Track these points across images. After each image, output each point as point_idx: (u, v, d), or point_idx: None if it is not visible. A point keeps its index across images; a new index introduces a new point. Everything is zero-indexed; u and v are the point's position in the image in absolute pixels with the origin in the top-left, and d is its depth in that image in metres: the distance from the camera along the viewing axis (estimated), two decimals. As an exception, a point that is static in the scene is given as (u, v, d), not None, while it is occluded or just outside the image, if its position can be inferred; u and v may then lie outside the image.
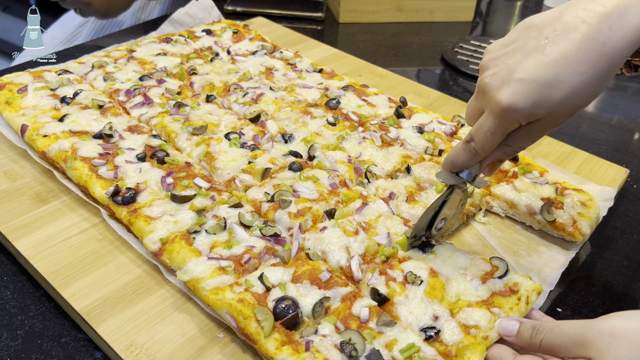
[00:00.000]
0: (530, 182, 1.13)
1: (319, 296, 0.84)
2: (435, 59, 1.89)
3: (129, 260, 0.97)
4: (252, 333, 0.80)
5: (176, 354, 0.82)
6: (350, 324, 0.81)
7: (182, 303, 0.90)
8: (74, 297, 0.89)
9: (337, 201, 1.04)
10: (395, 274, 0.88)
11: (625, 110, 1.67)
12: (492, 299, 0.86)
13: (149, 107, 1.27)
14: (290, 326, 0.81)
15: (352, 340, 0.78)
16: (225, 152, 1.14)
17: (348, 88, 1.41)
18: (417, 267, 0.90)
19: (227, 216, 0.98)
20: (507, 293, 0.87)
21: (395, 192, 1.06)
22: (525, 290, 0.88)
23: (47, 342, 0.86)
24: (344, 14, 2.07)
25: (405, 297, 0.85)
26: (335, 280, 0.87)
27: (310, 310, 0.82)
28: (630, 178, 1.32)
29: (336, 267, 0.91)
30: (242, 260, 0.90)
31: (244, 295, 0.83)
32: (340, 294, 0.85)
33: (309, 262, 0.90)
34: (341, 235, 0.94)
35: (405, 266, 0.90)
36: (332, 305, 0.84)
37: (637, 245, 1.12)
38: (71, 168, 1.08)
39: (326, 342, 0.78)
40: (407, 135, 1.24)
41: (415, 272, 0.89)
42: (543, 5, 2.44)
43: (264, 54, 1.57)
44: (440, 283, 0.88)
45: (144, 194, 1.02)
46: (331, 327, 0.80)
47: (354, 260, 0.91)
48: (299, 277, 0.86)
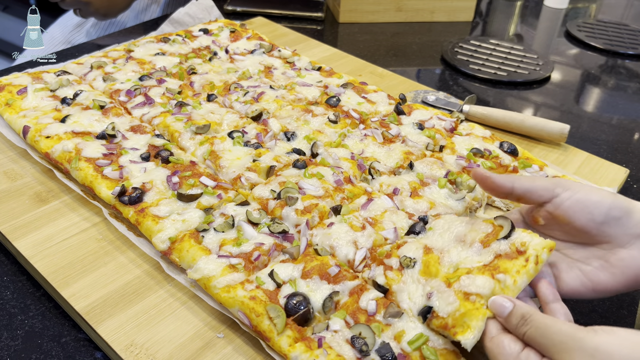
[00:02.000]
0: (531, 176, 1.13)
1: (329, 291, 0.84)
2: (435, 59, 1.89)
3: (129, 260, 0.97)
4: (265, 330, 0.80)
5: (176, 353, 0.82)
6: (359, 318, 0.81)
7: (182, 303, 0.90)
8: (74, 297, 0.89)
9: (343, 197, 1.04)
10: (392, 262, 0.86)
11: (625, 110, 1.67)
12: (496, 263, 0.78)
13: (151, 107, 1.28)
14: (302, 322, 0.81)
15: (362, 335, 0.78)
16: (230, 150, 1.14)
17: (347, 85, 1.41)
18: (411, 249, 0.87)
19: (235, 214, 0.98)
20: (514, 255, 0.78)
21: (399, 188, 1.06)
22: (534, 249, 0.78)
23: (47, 342, 0.86)
24: (344, 14, 2.07)
25: (402, 284, 0.83)
26: (343, 274, 0.87)
27: (321, 305, 0.83)
28: (630, 178, 1.32)
29: (344, 261, 0.91)
30: (252, 257, 0.90)
31: (255, 292, 0.83)
32: (349, 287, 0.85)
33: (317, 258, 0.90)
34: (348, 230, 0.95)
35: (400, 251, 0.88)
36: (342, 300, 0.84)
37: (637, 245, 1.12)
38: (76, 169, 1.08)
39: (338, 338, 0.78)
40: (407, 132, 1.24)
41: (409, 255, 0.85)
42: (543, 6, 2.44)
43: (262, 52, 1.57)
44: (435, 258, 0.83)
45: (151, 194, 1.03)
46: (341, 322, 0.80)
47: (359, 252, 0.91)
48: (309, 273, 0.87)
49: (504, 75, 1.76)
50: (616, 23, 2.27)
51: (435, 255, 0.84)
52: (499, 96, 1.69)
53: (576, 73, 1.91)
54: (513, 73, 1.78)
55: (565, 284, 0.79)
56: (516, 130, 1.37)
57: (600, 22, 2.27)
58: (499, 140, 1.23)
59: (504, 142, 1.22)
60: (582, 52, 2.04)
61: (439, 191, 1.07)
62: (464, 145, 1.20)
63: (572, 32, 2.14)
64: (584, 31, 2.16)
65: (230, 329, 0.86)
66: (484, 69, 1.79)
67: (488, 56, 1.88)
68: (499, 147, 1.21)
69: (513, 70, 1.80)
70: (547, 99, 1.70)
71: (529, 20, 2.37)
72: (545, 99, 1.70)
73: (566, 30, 2.18)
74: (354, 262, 0.90)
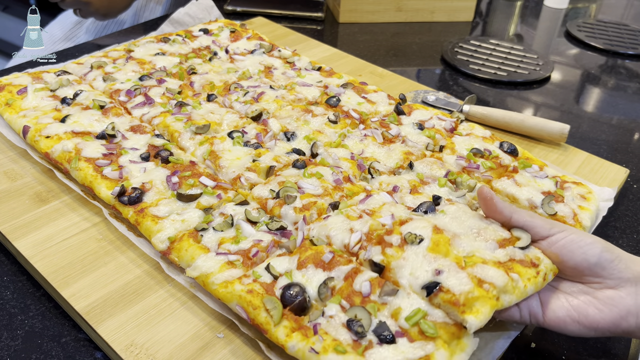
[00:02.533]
0: (531, 176, 1.13)
1: (324, 277, 0.84)
2: (435, 59, 1.89)
3: (129, 260, 0.97)
4: (262, 323, 0.80)
5: (176, 353, 0.82)
6: (354, 301, 0.81)
7: (182, 303, 0.90)
8: (74, 297, 0.89)
9: (342, 195, 1.04)
10: (392, 239, 0.84)
11: (625, 110, 1.67)
12: (511, 264, 0.80)
13: (151, 107, 1.28)
14: (298, 311, 0.81)
15: (357, 317, 0.78)
16: (230, 150, 1.14)
17: (347, 85, 1.41)
18: (417, 227, 0.85)
19: (234, 213, 0.98)
20: (528, 264, 0.81)
21: (399, 186, 1.06)
22: (545, 267, 0.81)
23: (47, 342, 0.86)
24: (344, 14, 2.07)
25: (403, 260, 0.81)
26: (337, 259, 0.86)
27: (317, 293, 0.82)
28: (630, 178, 1.32)
29: (340, 247, 0.90)
30: (250, 253, 0.90)
31: (252, 286, 0.83)
32: (343, 272, 0.85)
33: (312, 247, 0.90)
34: (344, 219, 0.94)
35: (404, 228, 0.86)
36: (337, 285, 0.84)
37: (637, 245, 1.12)
38: (75, 169, 1.08)
39: (334, 323, 0.78)
40: (407, 132, 1.24)
41: (415, 232, 0.83)
42: (543, 6, 2.44)
43: (262, 52, 1.57)
44: (445, 238, 0.82)
45: (150, 194, 1.03)
46: (337, 307, 0.80)
47: (354, 234, 0.89)
48: (304, 262, 0.87)
49: (504, 75, 1.76)
50: (616, 23, 2.27)
51: (446, 236, 0.82)
52: (499, 96, 1.69)
53: (576, 73, 1.91)
54: (513, 73, 1.78)
55: (552, 311, 0.81)
56: (516, 130, 1.37)
57: (600, 22, 2.27)
58: (499, 140, 1.23)
59: (504, 142, 1.22)
60: (582, 52, 2.04)
61: (439, 189, 1.07)
62: (464, 146, 1.20)
63: (572, 32, 2.14)
64: (584, 31, 2.16)
65: (230, 330, 0.86)
66: (484, 69, 1.79)
67: (488, 56, 1.88)
68: (499, 147, 1.21)
69: (513, 70, 1.80)
70: (547, 99, 1.70)
71: (529, 20, 2.37)
72: (545, 99, 1.70)
73: (566, 30, 2.18)
74: (349, 245, 0.89)
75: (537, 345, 0.90)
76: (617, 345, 0.92)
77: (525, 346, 0.90)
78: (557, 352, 0.90)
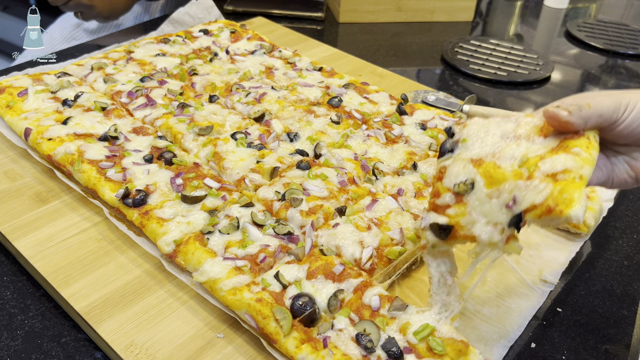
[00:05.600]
0: None
1: (334, 289, 0.84)
2: (435, 59, 1.89)
3: (129, 260, 0.97)
4: (272, 332, 0.80)
5: (176, 353, 0.82)
6: (363, 314, 0.81)
7: (182, 303, 0.90)
8: (74, 297, 0.89)
9: (347, 198, 1.05)
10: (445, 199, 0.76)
11: (626, 110, 1.67)
12: (564, 144, 0.72)
13: (152, 109, 1.27)
14: (308, 323, 0.81)
15: (366, 331, 0.78)
16: (233, 152, 1.14)
17: (349, 86, 1.41)
18: (456, 171, 0.76)
19: (240, 216, 0.98)
20: (574, 136, 0.73)
21: (404, 189, 1.06)
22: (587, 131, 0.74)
23: (47, 342, 0.86)
24: (344, 14, 2.07)
25: (470, 214, 0.73)
26: (347, 272, 0.87)
27: (326, 304, 0.83)
28: (631, 178, 1.32)
29: (350, 261, 0.91)
30: (258, 259, 0.90)
31: (261, 294, 0.83)
32: (353, 285, 0.85)
33: (322, 257, 0.90)
34: (354, 230, 0.95)
35: (445, 183, 0.76)
36: (346, 298, 0.84)
37: (637, 245, 1.12)
38: (79, 171, 1.08)
39: (343, 336, 0.79)
40: (410, 132, 1.25)
41: (460, 179, 0.74)
42: (543, 6, 2.44)
43: (263, 53, 1.57)
44: (491, 164, 0.73)
45: (154, 196, 1.02)
46: (346, 320, 0.81)
47: (366, 250, 0.91)
48: (314, 273, 0.87)
49: (504, 75, 1.76)
50: (616, 23, 2.27)
51: (490, 162, 0.74)
52: (499, 96, 1.69)
53: (576, 73, 1.91)
54: (513, 73, 1.78)
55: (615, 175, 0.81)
56: (516, 130, 1.37)
57: (600, 22, 2.27)
58: (499, 140, 1.22)
59: (504, 142, 1.21)
60: (582, 52, 2.04)
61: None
62: (464, 145, 1.20)
63: (572, 32, 2.14)
64: (584, 31, 2.16)
65: (230, 329, 0.86)
66: (484, 69, 1.79)
67: (488, 56, 1.88)
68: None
69: (513, 70, 1.80)
70: (547, 99, 1.70)
71: (529, 20, 2.37)
72: (545, 99, 1.70)
73: (566, 30, 2.18)
74: (360, 261, 0.90)
75: (537, 345, 0.90)
76: (617, 345, 0.92)
77: (525, 346, 0.90)
78: (557, 352, 0.89)
